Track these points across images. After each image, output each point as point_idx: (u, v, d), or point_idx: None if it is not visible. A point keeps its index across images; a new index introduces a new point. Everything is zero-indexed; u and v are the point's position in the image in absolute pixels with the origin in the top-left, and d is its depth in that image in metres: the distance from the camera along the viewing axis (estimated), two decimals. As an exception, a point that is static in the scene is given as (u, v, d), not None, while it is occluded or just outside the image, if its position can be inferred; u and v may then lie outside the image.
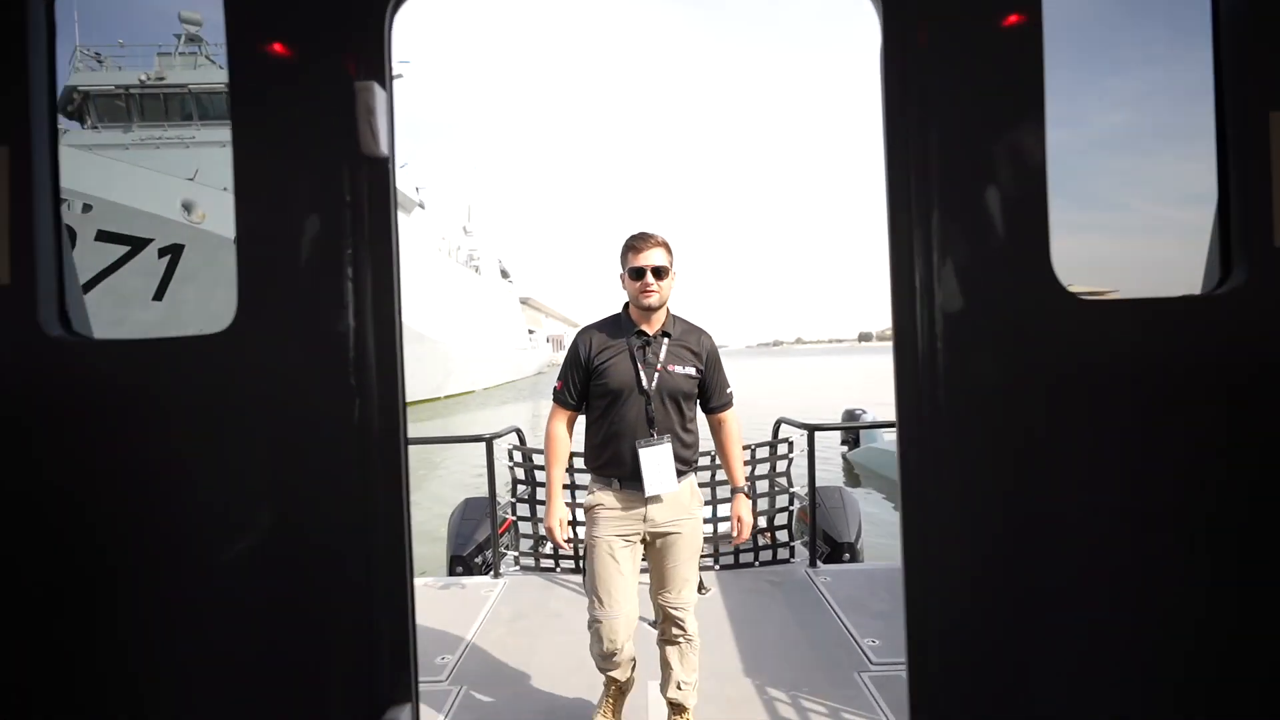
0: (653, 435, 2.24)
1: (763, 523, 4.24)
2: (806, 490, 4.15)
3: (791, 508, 4.16)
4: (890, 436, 12.42)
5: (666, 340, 2.31)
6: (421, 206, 33.56)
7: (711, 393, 2.40)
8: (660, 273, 2.25)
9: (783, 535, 4.21)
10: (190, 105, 23.83)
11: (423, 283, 31.59)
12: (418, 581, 4.23)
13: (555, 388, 2.42)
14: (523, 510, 4.38)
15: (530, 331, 65.20)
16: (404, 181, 30.85)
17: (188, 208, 16.77)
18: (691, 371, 2.32)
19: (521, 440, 4.77)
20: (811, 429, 4.00)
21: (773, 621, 3.31)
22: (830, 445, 14.35)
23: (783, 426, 4.53)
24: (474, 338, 39.07)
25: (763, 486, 4.30)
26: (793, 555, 4.13)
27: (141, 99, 23.62)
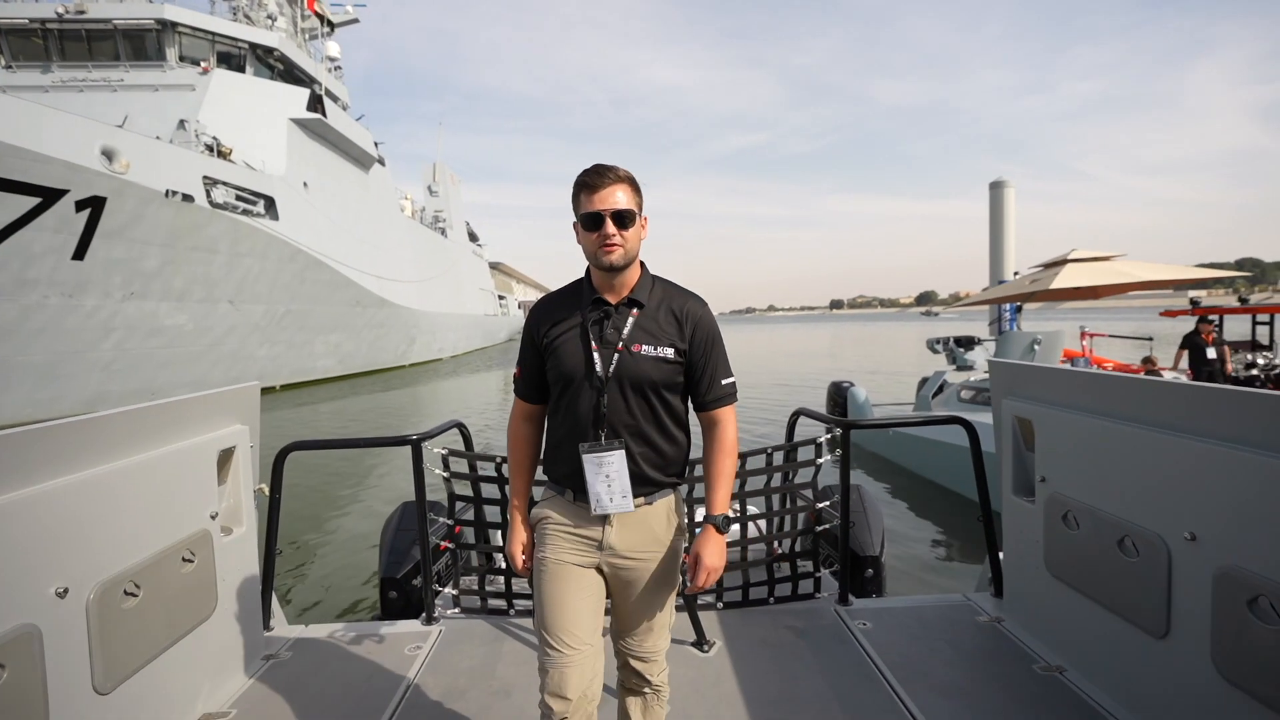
0: (600, 438, 1.70)
1: (778, 546, 3.31)
2: (829, 503, 3.20)
3: (817, 528, 3.19)
4: (882, 411, 11.62)
5: (635, 311, 1.74)
6: (381, 163, 31.54)
7: (701, 381, 1.77)
8: (624, 219, 1.67)
9: (804, 562, 3.27)
10: (119, 44, 21.56)
11: (382, 244, 29.87)
12: (320, 631, 3.23)
13: (514, 374, 1.91)
14: (466, 533, 3.37)
15: (501, 298, 63.41)
16: (362, 135, 28.84)
17: (109, 155, 14.93)
18: (668, 353, 1.72)
19: (466, 440, 3.72)
20: (846, 426, 3.02)
21: (803, 702, 2.38)
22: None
23: (801, 420, 3.56)
24: (440, 303, 37.47)
25: (772, 500, 3.36)
26: (818, 589, 3.19)
27: (61, 36, 21.28)
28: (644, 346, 1.70)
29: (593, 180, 1.66)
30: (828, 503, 3.11)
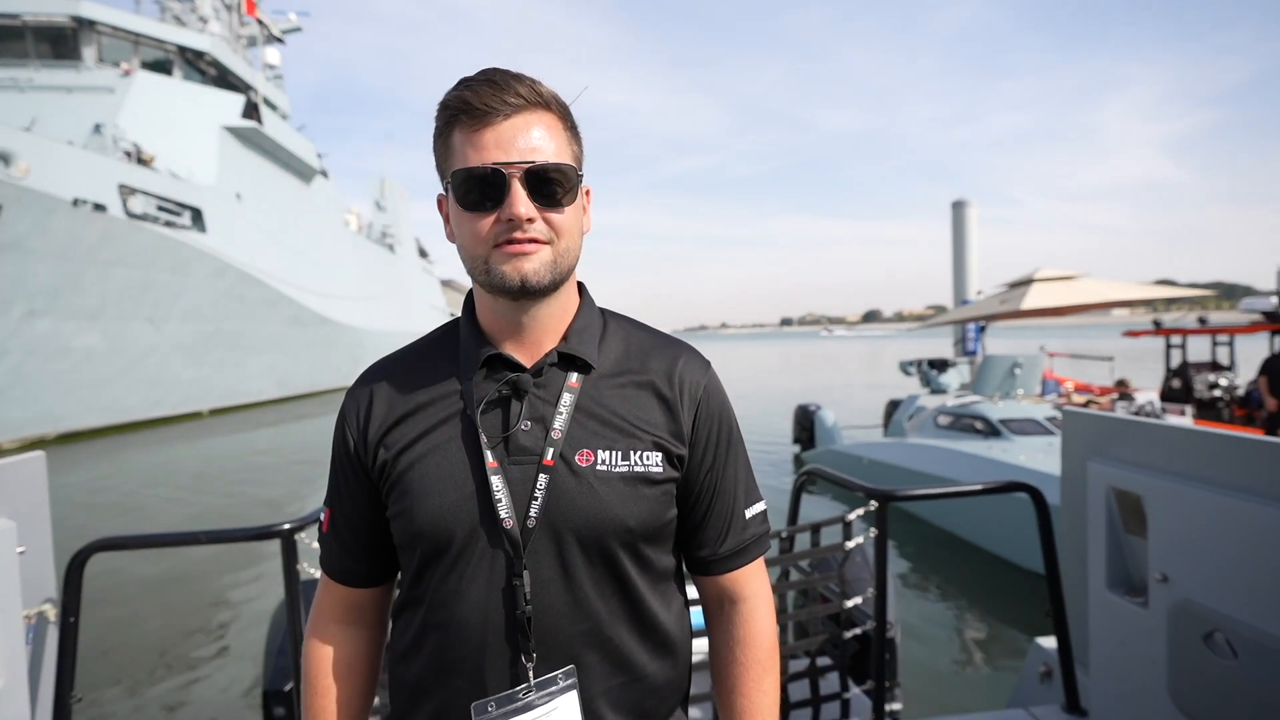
0: (525, 674, 0.81)
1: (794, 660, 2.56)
2: (861, 599, 2.46)
3: (845, 634, 2.44)
4: (854, 438, 11.11)
5: (575, 380, 0.87)
6: (324, 175, 30.09)
7: (710, 517, 0.92)
8: (549, 184, 0.79)
9: (826, 677, 2.51)
10: (29, 42, 19.80)
11: (325, 260, 28.35)
12: None
13: (320, 525, 0.97)
14: None
15: (453, 314, 61.70)
16: (303, 145, 27.39)
17: (4, 159, 13.44)
18: (651, 464, 0.85)
19: None
20: (883, 499, 2.28)
21: None
22: (778, 443, 12.98)
23: (811, 483, 2.84)
24: (387, 320, 35.90)
25: (786, 598, 2.61)
26: (847, 715, 2.45)
27: (-40, 32, 19.44)
28: (601, 454, 0.84)
29: (480, 99, 0.78)
30: (859, 599, 2.38)
